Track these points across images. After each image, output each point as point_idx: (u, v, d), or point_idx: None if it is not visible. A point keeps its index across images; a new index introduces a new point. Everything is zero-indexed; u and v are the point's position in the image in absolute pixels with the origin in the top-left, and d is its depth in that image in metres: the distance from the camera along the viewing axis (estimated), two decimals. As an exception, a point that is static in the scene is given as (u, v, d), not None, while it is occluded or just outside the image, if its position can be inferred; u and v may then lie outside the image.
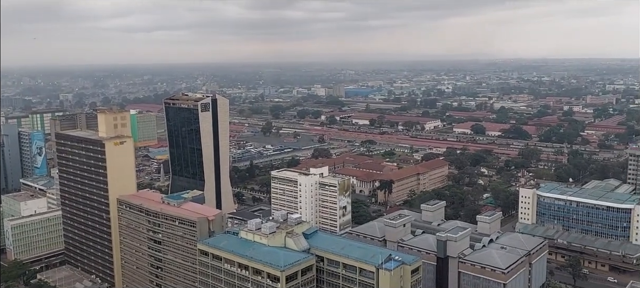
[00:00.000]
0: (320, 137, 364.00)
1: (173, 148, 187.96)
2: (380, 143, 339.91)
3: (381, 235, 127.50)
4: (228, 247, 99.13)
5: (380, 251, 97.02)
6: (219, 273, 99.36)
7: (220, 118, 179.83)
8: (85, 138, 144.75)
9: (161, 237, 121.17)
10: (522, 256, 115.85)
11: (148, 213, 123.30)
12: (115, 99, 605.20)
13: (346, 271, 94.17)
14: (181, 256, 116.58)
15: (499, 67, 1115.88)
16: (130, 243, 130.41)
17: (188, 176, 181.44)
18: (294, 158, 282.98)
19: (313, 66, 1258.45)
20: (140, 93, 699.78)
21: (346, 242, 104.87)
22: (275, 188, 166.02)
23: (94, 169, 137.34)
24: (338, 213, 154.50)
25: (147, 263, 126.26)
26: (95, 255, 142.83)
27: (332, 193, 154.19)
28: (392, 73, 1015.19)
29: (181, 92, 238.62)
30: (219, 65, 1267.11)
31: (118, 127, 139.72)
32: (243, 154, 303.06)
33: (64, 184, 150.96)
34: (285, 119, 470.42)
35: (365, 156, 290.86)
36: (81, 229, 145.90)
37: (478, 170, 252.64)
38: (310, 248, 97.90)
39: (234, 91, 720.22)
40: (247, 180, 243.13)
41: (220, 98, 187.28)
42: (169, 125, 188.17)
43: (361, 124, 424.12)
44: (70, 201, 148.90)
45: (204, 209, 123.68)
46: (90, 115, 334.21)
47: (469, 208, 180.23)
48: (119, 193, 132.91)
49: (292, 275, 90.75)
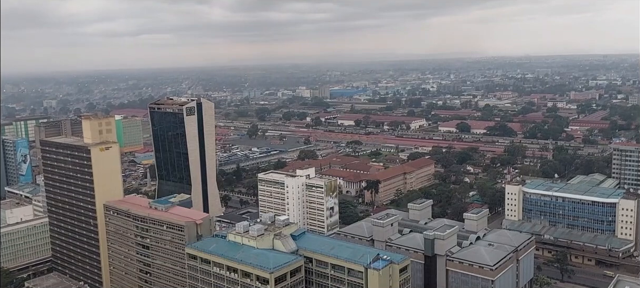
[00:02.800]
0: (306, 138, 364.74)
1: (159, 152, 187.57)
2: (366, 144, 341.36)
3: (369, 235, 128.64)
4: (216, 250, 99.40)
5: (368, 251, 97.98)
6: (208, 277, 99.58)
7: (205, 122, 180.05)
8: (70, 145, 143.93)
9: (149, 242, 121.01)
10: (509, 252, 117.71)
11: (135, 218, 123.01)
12: (100, 105, 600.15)
13: (335, 271, 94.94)
14: (170, 260, 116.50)
15: (483, 65, 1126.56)
16: (118, 248, 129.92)
17: (175, 180, 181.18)
18: (280, 160, 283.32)
19: (298, 67, 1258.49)
20: (125, 98, 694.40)
21: (334, 243, 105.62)
22: (262, 191, 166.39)
23: (80, 176, 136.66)
24: (325, 214, 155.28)
25: (135, 269, 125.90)
26: (83, 262, 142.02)
27: (319, 194, 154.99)
28: (377, 73, 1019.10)
29: (166, 96, 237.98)
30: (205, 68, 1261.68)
31: (103, 133, 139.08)
32: (229, 157, 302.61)
33: (50, 191, 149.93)
34: (271, 122, 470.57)
35: (352, 157, 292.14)
36: (68, 236, 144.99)
37: (464, 168, 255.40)
38: (298, 250, 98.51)
39: (220, 94, 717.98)
40: (234, 182, 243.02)
41: (205, 102, 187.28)
42: (155, 130, 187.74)
43: (347, 125, 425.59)
44: (56, 208, 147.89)
45: (191, 213, 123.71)
46: (75, 121, 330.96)
47: (456, 206, 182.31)
48: (105, 198, 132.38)
49: (281, 276, 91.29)
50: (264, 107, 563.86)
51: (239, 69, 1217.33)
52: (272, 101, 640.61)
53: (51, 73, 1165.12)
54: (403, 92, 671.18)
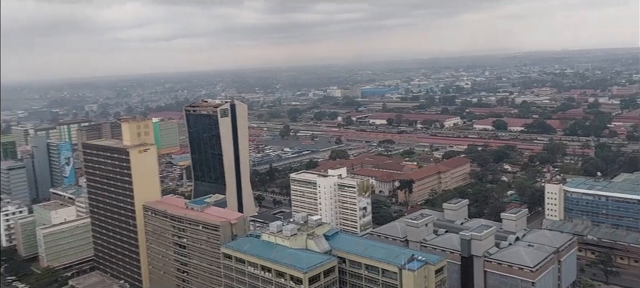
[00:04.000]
0: (338, 138, 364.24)
1: (195, 154, 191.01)
2: (399, 143, 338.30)
3: (403, 236, 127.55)
4: (251, 250, 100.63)
5: (402, 251, 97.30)
6: (242, 276, 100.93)
7: (239, 123, 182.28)
8: (110, 147, 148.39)
9: (186, 242, 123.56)
10: (550, 253, 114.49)
11: (173, 218, 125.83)
12: (138, 108, 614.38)
13: (369, 272, 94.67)
14: (206, 260, 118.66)
15: (519, 61, 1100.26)
16: (157, 248, 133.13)
17: (210, 181, 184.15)
18: (312, 160, 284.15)
19: (329, 68, 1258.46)
20: (162, 101, 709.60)
21: (368, 243, 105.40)
22: (294, 190, 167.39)
23: (119, 177, 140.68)
24: (358, 214, 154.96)
25: (173, 268, 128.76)
26: (123, 261, 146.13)
27: (351, 194, 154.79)
28: (409, 71, 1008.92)
29: (201, 99, 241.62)
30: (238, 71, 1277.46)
31: (141, 135, 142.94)
32: (262, 158, 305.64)
33: (92, 192, 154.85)
34: (303, 122, 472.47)
35: (384, 156, 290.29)
36: (109, 235, 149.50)
37: (501, 167, 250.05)
38: (331, 250, 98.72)
39: (252, 95, 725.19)
40: (267, 182, 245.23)
41: (239, 104, 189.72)
42: (190, 132, 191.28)
43: (379, 124, 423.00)
44: (98, 209, 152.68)
45: (226, 213, 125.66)
46: (114, 124, 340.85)
47: (493, 206, 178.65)
48: (144, 199, 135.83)
49: (315, 276, 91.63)
50: (296, 107, 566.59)
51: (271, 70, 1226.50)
52: (303, 101, 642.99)
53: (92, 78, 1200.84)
54: (436, 90, 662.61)
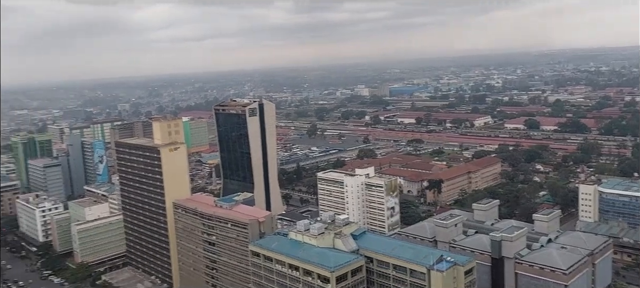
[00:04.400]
0: (365, 137, 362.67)
1: (224, 152, 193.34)
2: (428, 142, 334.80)
3: (432, 236, 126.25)
4: (279, 248, 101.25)
5: (431, 251, 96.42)
6: (271, 274, 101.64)
7: (267, 122, 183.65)
8: (142, 146, 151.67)
9: (215, 239, 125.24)
10: (584, 256, 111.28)
11: (202, 216, 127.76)
12: (168, 108, 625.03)
13: (396, 272, 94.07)
14: (235, 257, 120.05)
15: (552, 59, 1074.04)
16: (187, 245, 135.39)
17: (238, 179, 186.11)
18: (339, 159, 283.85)
19: (357, 66, 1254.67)
20: (192, 101, 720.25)
21: (396, 243, 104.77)
22: (322, 189, 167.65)
23: (151, 175, 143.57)
24: (386, 214, 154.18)
25: (202, 265, 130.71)
26: (154, 257, 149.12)
27: (379, 193, 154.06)
28: (438, 70, 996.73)
29: (230, 98, 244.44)
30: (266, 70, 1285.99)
31: (172, 134, 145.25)
32: (290, 157, 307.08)
33: (124, 190, 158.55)
34: (330, 121, 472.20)
35: (412, 156, 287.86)
36: (141, 232, 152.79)
37: (533, 167, 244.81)
38: (359, 249, 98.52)
39: (280, 95, 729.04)
40: (294, 181, 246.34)
41: (267, 103, 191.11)
42: (219, 131, 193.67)
43: (407, 123, 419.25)
44: (130, 206, 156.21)
45: (254, 211, 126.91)
46: (146, 123, 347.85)
47: (525, 207, 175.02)
48: (174, 197, 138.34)
49: (342, 276, 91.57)
50: (323, 106, 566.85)
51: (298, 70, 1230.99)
52: (331, 100, 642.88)
53: (124, 78, 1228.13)
54: (466, 89, 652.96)
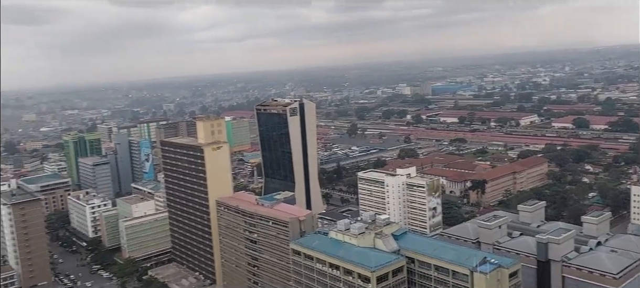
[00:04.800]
0: (407, 137, 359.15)
1: (265, 151, 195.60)
2: (471, 141, 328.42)
3: (475, 237, 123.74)
4: (319, 247, 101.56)
5: (474, 253, 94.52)
6: (311, 273, 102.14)
7: (307, 122, 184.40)
8: (186, 145, 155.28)
9: (256, 237, 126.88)
10: (636, 260, 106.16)
11: (244, 213, 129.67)
12: (211, 107, 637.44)
13: (438, 273, 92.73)
14: (276, 255, 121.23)
15: (602, 55, 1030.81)
16: (229, 242, 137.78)
17: (279, 178, 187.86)
18: (380, 158, 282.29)
19: (399, 65, 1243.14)
20: (234, 100, 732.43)
21: (438, 243, 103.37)
22: (362, 189, 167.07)
23: (194, 174, 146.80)
24: (427, 215, 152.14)
25: (244, 262, 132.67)
26: (198, 254, 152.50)
27: (421, 193, 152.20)
28: (482, 68, 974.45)
29: (271, 98, 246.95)
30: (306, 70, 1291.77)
31: (215, 133, 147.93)
32: (330, 156, 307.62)
33: (169, 187, 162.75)
34: (371, 120, 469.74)
35: (455, 155, 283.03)
36: (185, 229, 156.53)
37: (582, 167, 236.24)
38: (400, 250, 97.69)
39: (321, 94, 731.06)
40: (334, 181, 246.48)
41: (307, 102, 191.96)
42: (261, 130, 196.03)
43: (449, 122, 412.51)
44: (175, 203, 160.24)
45: (295, 210, 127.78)
46: (190, 123, 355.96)
47: (573, 209, 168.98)
48: (217, 195, 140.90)
49: (383, 276, 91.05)
50: (364, 106, 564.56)
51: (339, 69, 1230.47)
52: (371, 99, 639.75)
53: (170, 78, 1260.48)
54: (511, 87, 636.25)
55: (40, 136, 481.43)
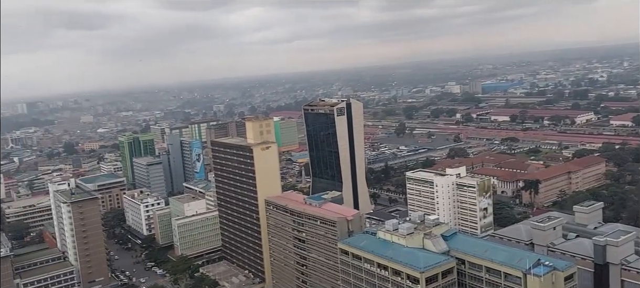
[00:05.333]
0: (456, 136, 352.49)
1: (312, 151, 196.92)
2: (524, 140, 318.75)
3: (528, 239, 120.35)
4: (367, 247, 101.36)
5: (527, 255, 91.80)
6: (359, 272, 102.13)
7: (355, 121, 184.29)
8: (235, 145, 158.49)
9: (305, 236, 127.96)
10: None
11: (292, 213, 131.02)
12: (260, 108, 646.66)
13: (490, 275, 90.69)
14: (323, 254, 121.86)
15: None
16: (278, 241, 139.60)
17: (327, 177, 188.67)
18: (428, 158, 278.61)
19: (447, 63, 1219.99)
20: (282, 101, 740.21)
21: (488, 245, 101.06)
22: (410, 189, 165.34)
23: (244, 173, 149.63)
24: (478, 215, 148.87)
25: (293, 261, 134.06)
26: (247, 252, 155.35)
27: (471, 194, 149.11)
28: (535, 64, 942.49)
29: (318, 98, 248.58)
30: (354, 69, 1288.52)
31: (264, 133, 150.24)
32: (378, 156, 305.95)
33: (219, 186, 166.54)
34: (419, 120, 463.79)
35: (507, 155, 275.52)
36: (235, 228, 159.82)
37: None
38: (449, 251, 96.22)
39: (368, 94, 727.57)
40: (382, 180, 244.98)
41: (354, 102, 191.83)
42: (308, 130, 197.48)
43: (501, 121, 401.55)
44: (225, 202, 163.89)
45: (342, 209, 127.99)
46: (239, 123, 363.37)
47: (633, 210, 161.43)
48: (266, 194, 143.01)
49: (433, 277, 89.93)
50: (412, 105, 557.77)
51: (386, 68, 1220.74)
52: (419, 98, 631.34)
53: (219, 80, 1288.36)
54: (566, 84, 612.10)
55: (97, 137, 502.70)
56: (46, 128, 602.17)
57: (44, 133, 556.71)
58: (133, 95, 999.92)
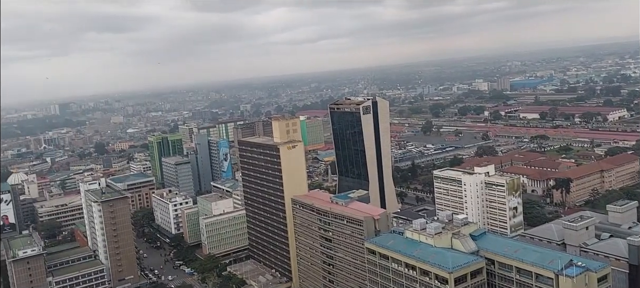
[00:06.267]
0: (484, 134, 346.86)
1: (338, 150, 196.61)
2: (554, 138, 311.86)
3: (559, 239, 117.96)
4: (395, 247, 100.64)
5: (559, 255, 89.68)
6: (386, 272, 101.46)
7: (381, 120, 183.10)
8: (262, 144, 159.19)
9: (331, 235, 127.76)
10: None
11: (319, 212, 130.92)
12: (286, 107, 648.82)
13: (520, 276, 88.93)
14: (350, 254, 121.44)
15: None
16: (304, 240, 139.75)
17: (353, 176, 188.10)
18: (456, 156, 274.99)
19: (474, 60, 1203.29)
20: (308, 100, 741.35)
21: (519, 245, 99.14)
22: (438, 188, 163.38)
23: (270, 172, 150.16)
24: (508, 215, 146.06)
25: (319, 260, 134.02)
26: (274, 251, 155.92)
27: (500, 193, 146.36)
28: (565, 61, 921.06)
29: (344, 97, 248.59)
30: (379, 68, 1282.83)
31: (290, 132, 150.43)
32: (404, 154, 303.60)
33: (246, 185, 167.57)
34: (446, 118, 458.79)
35: (537, 153, 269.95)
36: (262, 226, 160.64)
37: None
38: (479, 251, 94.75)
39: (394, 92, 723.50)
40: (409, 179, 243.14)
41: (380, 100, 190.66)
42: (334, 129, 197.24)
43: (530, 119, 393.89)
44: (251, 201, 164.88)
45: (369, 208, 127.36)
46: (266, 123, 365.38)
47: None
48: (292, 193, 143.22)
49: (461, 277, 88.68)
50: (439, 102, 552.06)
51: (412, 66, 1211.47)
52: (446, 96, 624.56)
53: (246, 80, 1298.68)
54: (597, 80, 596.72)
55: (127, 137, 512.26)
56: (78, 129, 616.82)
57: (75, 133, 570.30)
58: (162, 96, 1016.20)
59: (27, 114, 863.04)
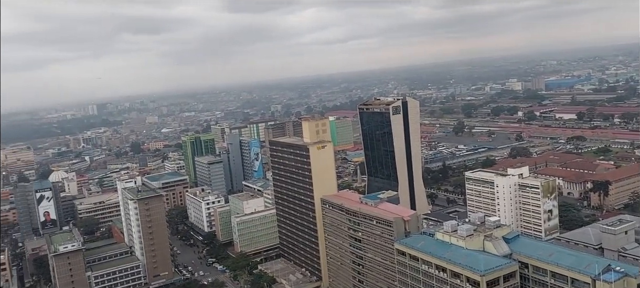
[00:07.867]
0: (518, 135, 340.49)
1: (368, 150, 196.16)
2: (591, 139, 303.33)
3: (597, 243, 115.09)
4: (425, 248, 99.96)
5: (596, 260, 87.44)
6: (417, 274, 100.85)
7: (411, 120, 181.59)
8: (292, 144, 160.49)
9: (361, 235, 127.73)
10: None
11: (348, 212, 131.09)
12: (316, 108, 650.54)
13: (555, 280, 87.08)
14: (380, 254, 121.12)
15: None
16: (334, 240, 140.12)
17: (382, 177, 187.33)
18: (488, 157, 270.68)
19: (508, 59, 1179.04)
20: (338, 100, 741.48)
21: (554, 248, 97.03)
22: (470, 190, 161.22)
23: (300, 172, 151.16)
24: (542, 218, 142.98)
25: (349, 260, 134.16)
26: (304, 250, 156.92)
27: (535, 195, 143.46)
28: (603, 59, 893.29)
29: (374, 97, 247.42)
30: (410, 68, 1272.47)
31: (320, 133, 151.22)
32: (435, 155, 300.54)
33: (277, 185, 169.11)
34: (478, 118, 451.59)
35: (573, 154, 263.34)
36: (292, 226, 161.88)
37: None
38: (512, 254, 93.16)
39: (425, 92, 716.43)
40: (440, 180, 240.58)
41: (410, 100, 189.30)
42: (364, 129, 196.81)
43: (566, 119, 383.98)
44: (282, 201, 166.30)
45: (399, 209, 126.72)
46: (296, 123, 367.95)
47: None
48: (322, 193, 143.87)
49: (494, 280, 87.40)
50: (471, 103, 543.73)
51: (444, 65, 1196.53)
52: (479, 96, 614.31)
53: (277, 80, 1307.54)
54: (638, 79, 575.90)
55: (162, 137, 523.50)
56: (114, 128, 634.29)
57: (112, 133, 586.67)
58: (195, 96, 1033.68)
59: (66, 114, 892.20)
